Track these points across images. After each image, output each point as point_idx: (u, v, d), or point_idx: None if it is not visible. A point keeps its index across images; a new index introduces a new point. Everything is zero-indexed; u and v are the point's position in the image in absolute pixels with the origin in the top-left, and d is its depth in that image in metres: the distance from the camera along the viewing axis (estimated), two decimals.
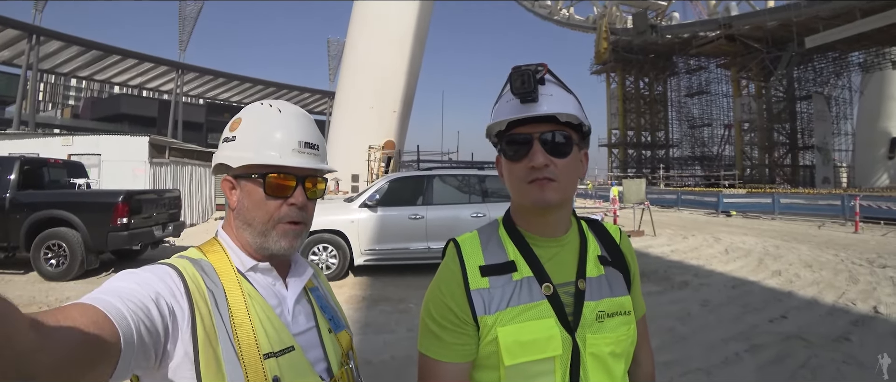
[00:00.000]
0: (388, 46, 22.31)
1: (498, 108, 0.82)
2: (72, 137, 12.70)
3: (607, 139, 48.89)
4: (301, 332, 0.80)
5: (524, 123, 0.78)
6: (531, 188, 0.78)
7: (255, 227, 0.79)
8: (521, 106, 0.77)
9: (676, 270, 7.39)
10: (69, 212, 6.33)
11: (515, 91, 0.76)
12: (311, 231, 5.05)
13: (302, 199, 0.81)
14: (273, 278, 0.81)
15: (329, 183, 4.39)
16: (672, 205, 22.31)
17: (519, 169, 0.78)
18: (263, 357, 0.71)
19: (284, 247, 0.80)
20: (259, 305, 0.75)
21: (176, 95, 56.49)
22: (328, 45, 66.91)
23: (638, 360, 0.93)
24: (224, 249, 0.80)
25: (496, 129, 0.80)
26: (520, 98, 0.76)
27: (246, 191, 0.80)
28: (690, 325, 4.63)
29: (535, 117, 0.77)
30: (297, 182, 0.81)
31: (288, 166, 0.79)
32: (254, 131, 0.80)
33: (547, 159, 0.76)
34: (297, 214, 0.81)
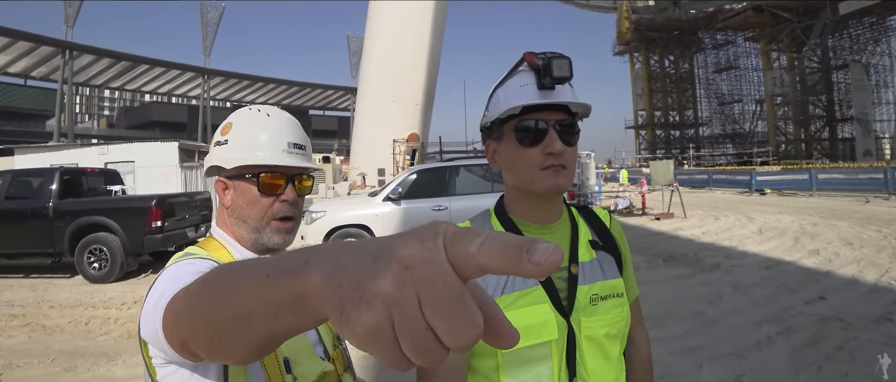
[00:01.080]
0: (407, 40, 22.33)
1: (509, 92, 0.81)
2: (107, 147, 13.25)
3: (634, 121, 47.76)
4: None
5: (539, 109, 0.78)
6: (545, 175, 0.78)
7: (250, 223, 0.84)
8: (539, 92, 0.78)
9: (707, 252, 7.21)
10: (108, 218, 6.62)
11: (555, 76, 0.76)
12: (336, 226, 5.14)
13: (292, 195, 0.86)
14: None
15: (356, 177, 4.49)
16: (703, 185, 21.69)
17: (532, 155, 0.78)
18: None
19: (278, 242, 0.85)
20: None
21: (203, 99, 58.08)
22: (348, 42, 67.33)
23: (634, 340, 0.94)
24: (223, 245, 0.85)
25: (508, 114, 0.79)
26: (546, 84, 0.77)
27: (240, 190, 0.85)
28: (721, 308, 4.52)
29: (550, 105, 0.78)
30: (287, 180, 0.86)
31: (279, 165, 0.84)
32: (245, 135, 0.85)
33: (563, 147, 0.78)
34: (289, 209, 0.86)
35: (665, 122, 46.12)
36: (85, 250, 6.52)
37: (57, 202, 6.75)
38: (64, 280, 6.68)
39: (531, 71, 0.80)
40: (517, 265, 0.23)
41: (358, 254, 0.26)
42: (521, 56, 0.81)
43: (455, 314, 0.23)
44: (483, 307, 0.25)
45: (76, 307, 5.29)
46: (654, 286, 5.42)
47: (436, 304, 0.23)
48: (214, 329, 0.41)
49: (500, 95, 0.82)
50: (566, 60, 0.77)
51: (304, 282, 0.28)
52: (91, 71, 51.53)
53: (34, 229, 6.69)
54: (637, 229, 10.20)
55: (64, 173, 7.12)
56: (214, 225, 0.88)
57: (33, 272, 7.07)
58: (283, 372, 0.75)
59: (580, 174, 14.32)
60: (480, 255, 0.24)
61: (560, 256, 0.23)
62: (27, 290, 6.16)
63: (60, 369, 3.60)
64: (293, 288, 0.29)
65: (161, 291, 0.60)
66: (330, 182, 19.24)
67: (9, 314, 5.03)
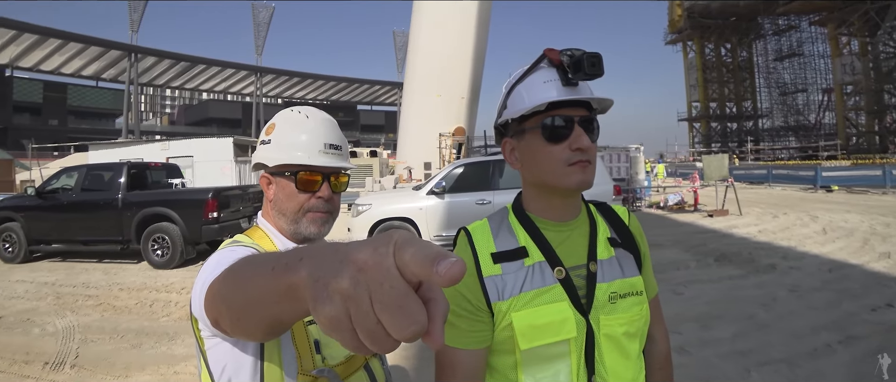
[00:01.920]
0: (451, 33, 22.31)
1: (532, 89, 0.80)
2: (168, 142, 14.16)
3: (687, 113, 45.71)
4: None
5: (564, 105, 0.79)
6: (573, 171, 0.78)
7: (288, 216, 0.91)
8: (564, 89, 0.78)
9: (763, 252, 6.83)
10: (169, 209, 7.10)
11: (587, 72, 0.76)
12: (381, 219, 5.29)
13: (328, 192, 0.93)
14: None
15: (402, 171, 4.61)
16: (762, 181, 20.46)
17: (558, 151, 0.78)
18: (306, 323, 0.83)
19: (314, 232, 0.92)
20: None
21: (256, 96, 60.71)
22: (394, 37, 68.22)
23: (653, 339, 0.93)
24: (267, 234, 0.93)
25: (532, 110, 0.79)
26: (572, 81, 0.77)
27: (280, 186, 0.92)
28: (775, 311, 4.29)
29: (575, 102, 0.79)
30: (323, 178, 0.93)
31: (314, 165, 0.92)
32: (286, 135, 0.93)
33: (589, 142, 0.79)
34: (324, 205, 0.93)
35: (721, 114, 43.81)
36: (149, 238, 7.03)
37: (125, 194, 7.30)
38: (132, 265, 7.23)
39: (552, 67, 0.79)
40: (428, 275, 0.27)
41: (334, 256, 0.31)
42: (541, 53, 0.81)
43: (398, 311, 0.27)
44: (429, 306, 0.28)
45: (142, 290, 5.73)
46: (704, 286, 5.20)
47: (383, 302, 0.27)
48: (234, 311, 0.50)
49: (522, 92, 0.82)
50: (598, 55, 0.77)
51: (294, 277, 0.35)
52: (154, 72, 55.08)
53: (106, 219, 7.27)
54: (687, 226, 9.80)
55: (131, 167, 7.68)
56: (260, 216, 0.97)
57: (106, 257, 7.69)
58: (312, 352, 0.82)
59: (628, 168, 13.90)
60: (410, 263, 0.27)
61: (461, 270, 0.27)
62: (100, 273, 6.72)
63: (128, 345, 3.92)
64: (288, 281, 0.36)
65: (207, 274, 0.69)
66: (376, 176, 19.63)
67: (85, 295, 5.52)
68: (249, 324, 0.49)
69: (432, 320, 0.28)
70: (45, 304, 5.22)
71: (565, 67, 0.77)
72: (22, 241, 7.51)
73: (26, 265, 7.45)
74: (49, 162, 24.69)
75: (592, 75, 0.77)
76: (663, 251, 7.13)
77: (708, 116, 43.78)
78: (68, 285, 6.06)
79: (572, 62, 0.77)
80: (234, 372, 0.76)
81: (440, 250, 0.28)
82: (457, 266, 0.27)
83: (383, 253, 0.28)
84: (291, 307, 0.39)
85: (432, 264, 0.27)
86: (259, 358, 0.77)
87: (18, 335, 4.25)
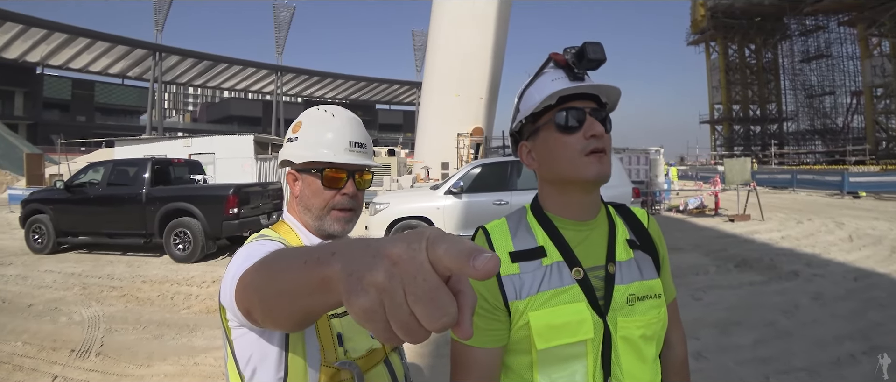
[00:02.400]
0: (471, 34, 22.29)
1: (542, 88, 0.81)
2: (191, 139, 14.44)
3: (709, 115, 44.81)
4: None
5: (574, 98, 0.80)
6: (590, 161, 0.78)
7: (313, 212, 0.94)
8: (572, 83, 0.79)
9: (785, 258, 6.67)
10: (191, 204, 7.26)
11: (589, 58, 0.77)
12: (399, 218, 5.34)
13: (352, 189, 0.96)
14: None
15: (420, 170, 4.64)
16: (786, 186, 19.96)
17: (574, 141, 0.79)
18: (330, 317, 0.86)
19: (338, 230, 0.95)
20: None
21: (277, 95, 61.60)
22: (413, 37, 68.46)
23: (670, 343, 0.92)
24: (292, 229, 0.96)
25: (544, 105, 0.80)
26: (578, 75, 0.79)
27: (306, 183, 0.95)
28: (797, 319, 4.19)
29: (583, 95, 0.80)
30: (348, 175, 0.95)
31: (340, 162, 0.94)
32: (312, 133, 0.96)
33: (602, 129, 0.79)
34: (349, 202, 0.95)
35: (744, 116, 42.86)
36: (172, 232, 7.20)
37: (149, 189, 7.49)
38: (154, 259, 7.41)
39: (559, 68, 0.81)
40: (463, 268, 0.28)
41: (366, 250, 0.33)
42: (547, 57, 0.83)
43: (431, 303, 0.28)
44: (459, 298, 0.30)
45: (164, 282, 5.87)
46: (723, 292, 5.11)
47: (416, 294, 0.29)
48: (266, 302, 0.53)
49: (532, 92, 0.83)
50: (598, 43, 0.78)
51: (328, 270, 0.37)
52: (177, 70, 56.30)
53: (130, 213, 7.47)
54: (708, 230, 9.62)
55: (155, 163, 7.87)
56: (286, 212, 1.00)
57: (130, 250, 7.90)
58: (335, 345, 0.85)
59: (648, 171, 13.71)
60: (444, 257, 0.29)
61: (496, 264, 0.28)
62: (124, 266, 6.91)
63: (150, 336, 4.03)
64: (321, 274, 0.38)
65: (237, 266, 0.71)
66: (394, 175, 19.73)
67: (109, 286, 5.68)
68: (281, 315, 0.51)
69: (462, 311, 0.30)
70: (72, 294, 5.39)
71: (570, 63, 0.79)
72: (51, 233, 7.77)
73: (54, 256, 7.70)
74: (76, 157, 25.41)
75: (596, 61, 0.78)
76: (683, 256, 7.02)
77: (730, 119, 42.85)
78: (94, 276, 6.24)
79: (575, 54, 0.78)
80: (259, 362, 0.79)
81: (473, 245, 0.29)
82: (492, 261, 0.28)
83: (416, 248, 0.30)
84: (323, 300, 0.41)
85: (468, 258, 0.28)
86: (284, 349, 0.79)
87: (47, 322, 4.41)
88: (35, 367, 3.44)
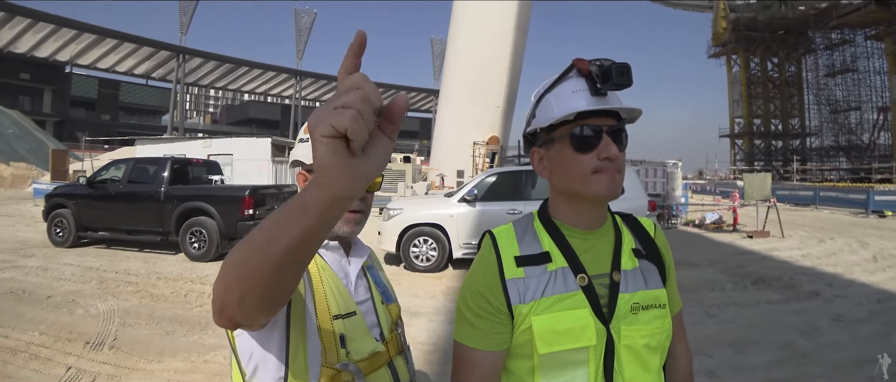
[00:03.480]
0: (489, 43, 22.35)
1: (561, 98, 0.81)
2: (210, 140, 14.73)
3: (730, 129, 44.04)
4: (361, 301, 0.95)
5: (593, 115, 0.79)
6: (599, 179, 0.78)
7: None
8: (592, 99, 0.78)
9: (805, 277, 6.49)
10: (207, 204, 7.38)
11: (615, 82, 0.76)
12: (411, 224, 5.35)
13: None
14: (340, 254, 0.97)
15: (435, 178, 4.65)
16: (808, 203, 19.49)
17: (587, 160, 0.78)
18: (333, 318, 0.86)
19: (347, 231, 0.95)
20: (329, 275, 0.91)
21: (295, 99, 62.52)
22: (432, 44, 69.00)
23: (675, 355, 0.92)
24: None
25: (560, 120, 0.79)
26: (600, 91, 0.78)
27: None
28: (815, 341, 4.06)
29: (604, 111, 0.79)
30: None
31: None
32: None
33: (618, 151, 0.79)
34: (358, 204, 0.95)
35: (766, 131, 42.06)
36: (188, 231, 7.32)
37: (167, 188, 7.63)
38: (170, 256, 7.54)
39: (581, 77, 0.80)
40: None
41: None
42: (570, 62, 0.82)
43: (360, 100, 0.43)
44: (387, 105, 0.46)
45: (178, 280, 5.96)
46: (739, 310, 4.99)
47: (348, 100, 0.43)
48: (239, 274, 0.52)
49: (551, 101, 0.82)
50: (627, 66, 0.77)
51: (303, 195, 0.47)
52: (200, 72, 57.60)
53: (148, 211, 7.62)
54: (725, 246, 9.43)
55: (174, 162, 8.03)
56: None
57: (146, 247, 8.05)
58: (337, 346, 0.85)
59: (665, 184, 13.54)
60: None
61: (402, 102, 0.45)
62: (141, 262, 7.04)
63: (162, 332, 4.09)
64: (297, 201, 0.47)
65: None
66: (409, 181, 19.83)
67: (126, 281, 5.79)
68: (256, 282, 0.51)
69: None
70: (89, 287, 5.50)
71: (594, 77, 0.78)
72: (72, 227, 7.96)
73: (74, 249, 7.89)
74: (100, 154, 26.10)
75: (621, 85, 0.77)
76: (698, 271, 6.89)
77: (751, 133, 42.08)
78: (111, 270, 6.37)
79: (601, 72, 0.77)
80: (260, 361, 0.79)
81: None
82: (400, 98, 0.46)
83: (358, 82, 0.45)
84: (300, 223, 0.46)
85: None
86: (284, 349, 0.79)
87: (64, 314, 4.50)
88: (50, 357, 3.51)
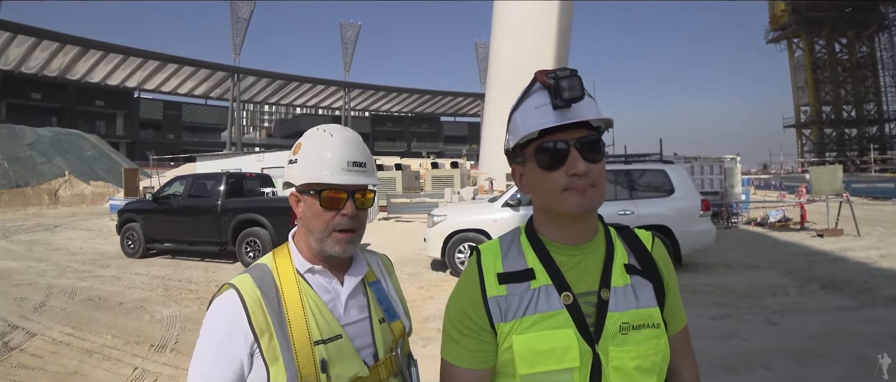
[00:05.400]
0: (532, 43, 22.10)
1: (525, 115, 0.79)
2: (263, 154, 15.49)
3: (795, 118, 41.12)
4: (352, 322, 0.94)
5: (558, 130, 0.76)
6: (570, 196, 0.75)
7: (315, 234, 0.93)
8: (555, 113, 0.75)
9: (884, 281, 5.91)
10: (260, 215, 7.77)
11: (565, 97, 0.74)
12: (456, 230, 5.38)
13: (352, 210, 0.94)
14: (328, 277, 0.96)
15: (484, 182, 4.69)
16: (889, 196, 17.83)
17: (556, 177, 0.76)
18: (314, 344, 0.87)
19: (339, 251, 0.93)
20: (312, 300, 0.91)
21: (345, 110, 64.60)
22: (476, 48, 69.15)
23: (678, 373, 0.86)
24: (289, 253, 0.97)
25: (527, 139, 0.78)
26: (562, 105, 0.74)
27: (307, 204, 0.95)
28: (893, 353, 3.69)
29: (570, 124, 0.75)
30: (348, 196, 0.94)
31: (338, 183, 0.92)
32: (311, 154, 0.95)
33: (586, 166, 0.75)
34: (349, 223, 0.94)
35: (837, 118, 38.89)
36: (243, 241, 7.72)
37: (224, 201, 8.09)
38: (228, 265, 7.98)
39: (545, 90, 0.77)
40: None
41: None
42: (533, 76, 0.79)
43: None
44: None
45: None
46: (805, 317, 4.63)
47: None
48: None
49: (517, 120, 0.81)
50: (576, 78, 0.74)
51: None
52: (254, 90, 60.79)
53: (207, 223, 8.12)
54: (791, 246, 8.79)
55: (229, 176, 8.51)
56: (292, 233, 1.02)
57: (206, 256, 8.56)
58: (317, 371, 0.86)
59: (722, 181, 12.80)
60: None
61: None
62: (201, 271, 7.49)
63: None
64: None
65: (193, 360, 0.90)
66: (457, 187, 19.91)
67: (187, 289, 6.20)
68: None
69: None
70: (155, 294, 5.93)
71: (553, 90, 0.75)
72: (141, 239, 8.61)
73: (144, 260, 8.52)
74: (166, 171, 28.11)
75: (570, 100, 0.74)
76: (759, 274, 6.46)
77: (820, 122, 39.01)
78: (175, 279, 6.83)
79: (552, 87, 0.75)
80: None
81: None
82: None
83: None
84: None
85: None
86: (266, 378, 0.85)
87: (133, 319, 4.88)
88: (120, 358, 3.83)
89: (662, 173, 6.78)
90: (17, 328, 4.65)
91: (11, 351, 4.03)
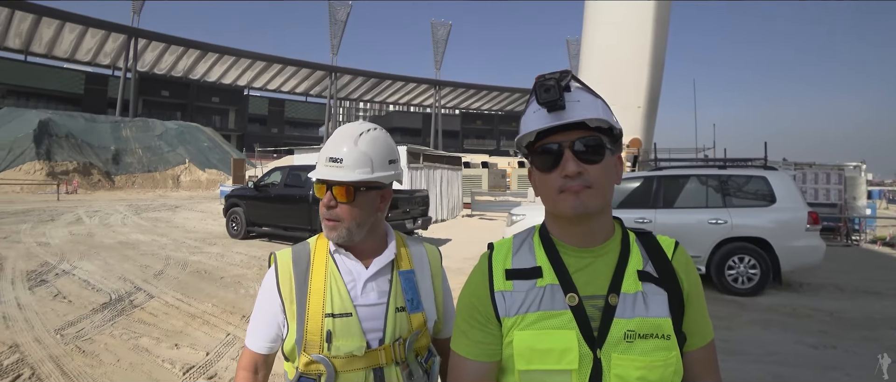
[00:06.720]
0: (626, 40, 20.95)
1: (525, 119, 0.80)
2: None
3: None
4: (367, 304, 1.02)
5: (553, 132, 0.76)
6: (564, 198, 0.75)
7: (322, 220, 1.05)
8: (548, 115, 0.75)
9: None
10: None
11: (542, 101, 0.75)
12: None
13: (329, 201, 1.01)
14: (351, 259, 1.04)
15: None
16: None
17: (551, 179, 0.76)
18: (325, 316, 0.98)
19: (329, 237, 1.03)
20: (334, 278, 1.02)
21: (435, 108, 66.36)
22: (567, 46, 67.45)
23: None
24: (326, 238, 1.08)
25: (526, 141, 0.79)
26: (547, 107, 0.75)
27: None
28: None
29: (565, 125, 0.75)
30: (327, 188, 1.01)
31: (319, 178, 1.02)
32: (322, 149, 1.06)
33: (580, 167, 0.74)
34: (328, 212, 1.02)
35: None
36: None
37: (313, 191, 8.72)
38: None
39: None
40: None
41: None
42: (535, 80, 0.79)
43: None
44: None
45: None
46: None
47: None
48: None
49: (521, 122, 0.82)
50: (554, 78, 0.74)
51: None
52: (350, 88, 64.62)
53: (299, 210, 8.80)
54: None
55: None
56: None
57: (298, 241, 9.24)
58: (322, 339, 0.97)
59: (842, 192, 11.24)
60: None
61: None
62: None
63: None
64: None
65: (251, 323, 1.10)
66: None
67: None
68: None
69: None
70: (251, 272, 6.59)
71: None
72: (243, 222, 9.59)
73: (244, 241, 9.49)
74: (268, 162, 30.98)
75: (552, 102, 0.74)
76: (879, 301, 5.63)
77: None
78: None
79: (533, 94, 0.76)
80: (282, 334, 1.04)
81: None
82: None
83: None
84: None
85: None
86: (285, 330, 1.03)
87: (231, 292, 5.50)
88: (216, 324, 4.36)
89: (763, 179, 6.09)
90: (141, 290, 5.46)
91: (135, 308, 4.75)
